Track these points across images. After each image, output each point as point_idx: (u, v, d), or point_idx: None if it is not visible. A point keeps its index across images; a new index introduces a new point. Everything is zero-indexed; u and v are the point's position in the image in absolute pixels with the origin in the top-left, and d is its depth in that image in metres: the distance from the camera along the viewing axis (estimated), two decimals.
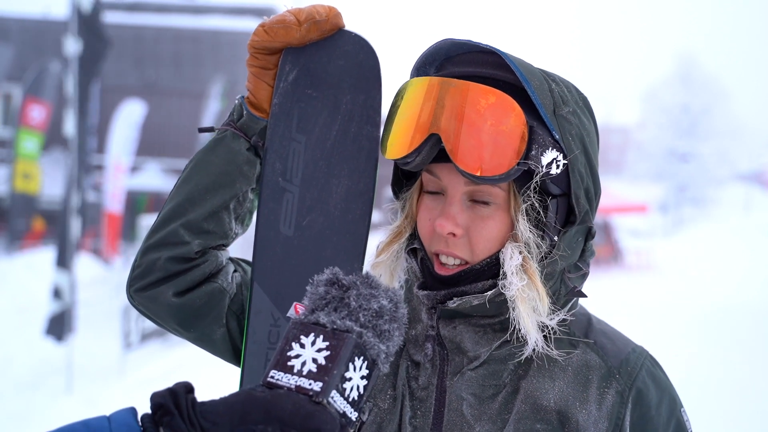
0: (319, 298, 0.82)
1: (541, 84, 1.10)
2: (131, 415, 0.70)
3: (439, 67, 1.20)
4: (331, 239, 1.25)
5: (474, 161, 1.06)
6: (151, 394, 0.70)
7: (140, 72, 25.42)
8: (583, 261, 1.19)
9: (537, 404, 1.13)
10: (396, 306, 0.83)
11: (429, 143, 1.10)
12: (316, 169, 1.26)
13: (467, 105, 1.07)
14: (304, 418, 0.70)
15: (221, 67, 24.17)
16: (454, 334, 1.16)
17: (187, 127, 24.04)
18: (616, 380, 1.15)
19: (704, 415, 7.12)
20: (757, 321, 12.56)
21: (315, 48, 1.24)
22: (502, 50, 1.10)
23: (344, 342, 0.77)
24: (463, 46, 1.16)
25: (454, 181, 1.13)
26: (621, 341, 1.22)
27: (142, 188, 20.89)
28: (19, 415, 6.36)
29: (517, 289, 1.08)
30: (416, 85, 1.14)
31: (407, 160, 1.13)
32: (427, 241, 1.18)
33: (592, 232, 1.19)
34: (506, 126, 1.06)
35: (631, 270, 21.19)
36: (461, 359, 1.17)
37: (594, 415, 1.12)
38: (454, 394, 1.15)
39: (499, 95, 1.07)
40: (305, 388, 0.74)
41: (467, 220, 1.13)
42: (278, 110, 1.26)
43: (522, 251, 1.10)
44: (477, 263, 1.14)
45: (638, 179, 43.69)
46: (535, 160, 1.07)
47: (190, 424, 0.69)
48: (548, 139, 1.08)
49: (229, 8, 26.30)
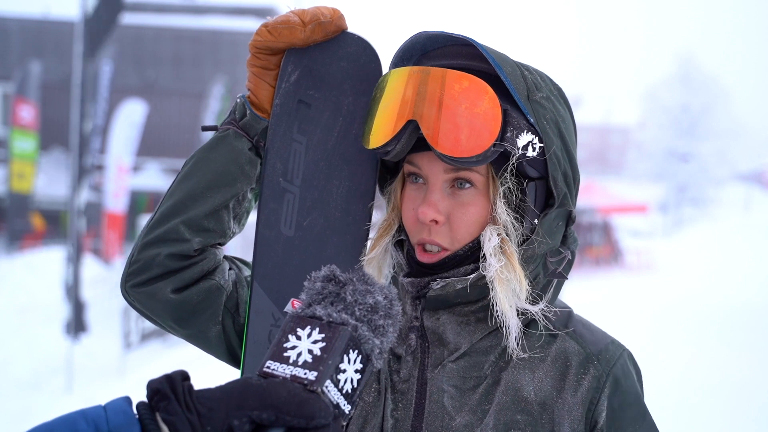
0: (316, 293, 0.84)
1: (513, 70, 1.13)
2: (127, 403, 0.71)
3: (416, 62, 1.22)
4: (331, 239, 1.25)
5: (451, 144, 1.08)
6: (147, 381, 0.71)
7: (140, 72, 25.44)
8: (565, 246, 1.21)
9: (518, 395, 1.14)
10: (391, 303, 0.85)
11: (407, 130, 1.12)
12: (317, 170, 1.26)
13: (443, 90, 1.09)
14: (298, 405, 0.71)
15: (221, 67, 24.19)
16: (437, 325, 1.18)
17: (187, 127, 24.06)
18: (594, 366, 1.17)
19: (704, 415, 7.12)
20: (757, 321, 12.57)
21: (317, 49, 1.25)
22: (475, 40, 1.13)
23: (339, 334, 0.78)
24: (438, 39, 1.19)
25: (434, 169, 1.15)
26: (600, 333, 1.24)
27: (142, 188, 20.90)
28: (19, 415, 6.36)
29: (495, 270, 1.11)
30: (394, 76, 1.16)
31: (387, 149, 1.15)
32: (412, 231, 1.19)
33: (572, 217, 1.21)
34: (480, 108, 1.08)
35: (631, 270, 21.21)
36: (441, 351, 1.18)
37: (569, 403, 1.14)
38: (435, 386, 1.16)
39: (472, 79, 1.09)
40: (300, 377, 0.75)
41: (448, 207, 1.15)
42: (280, 110, 1.26)
43: (500, 233, 1.13)
44: (459, 249, 1.16)
45: (638, 179, 43.76)
46: (510, 142, 1.10)
47: (187, 409, 0.69)
48: (523, 122, 1.11)
49: (229, 8, 26.32)
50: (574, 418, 1.14)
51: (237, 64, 24.88)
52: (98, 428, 0.67)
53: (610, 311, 12.50)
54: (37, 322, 9.83)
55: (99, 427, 0.67)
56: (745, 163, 59.75)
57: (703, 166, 39.87)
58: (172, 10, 26.06)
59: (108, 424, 0.68)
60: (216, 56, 25.11)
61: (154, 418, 0.69)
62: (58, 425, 0.67)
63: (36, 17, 25.41)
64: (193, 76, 25.13)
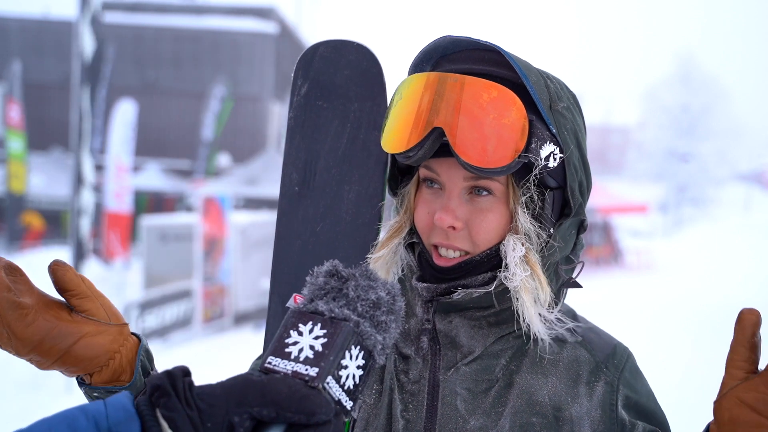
0: (318, 289, 0.83)
1: (538, 80, 1.12)
2: (127, 399, 0.70)
3: (435, 64, 1.21)
4: (342, 243, 1.28)
5: (477, 154, 1.07)
6: (147, 377, 0.71)
7: (140, 72, 25.44)
8: (575, 253, 1.22)
9: (532, 399, 1.15)
10: (393, 299, 0.84)
11: (431, 137, 1.10)
12: (329, 177, 1.29)
13: (470, 99, 1.08)
14: (299, 401, 0.71)
15: (221, 67, 24.19)
16: (449, 329, 1.18)
17: (187, 127, 24.08)
18: (604, 373, 1.18)
19: (704, 415, 7.11)
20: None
21: (321, 61, 1.30)
22: (501, 47, 1.12)
23: (341, 329, 0.78)
24: (461, 43, 1.17)
25: (453, 176, 1.14)
26: (605, 336, 1.25)
27: (142, 188, 20.91)
28: (19, 415, 6.37)
29: (520, 279, 1.11)
30: (415, 80, 1.15)
31: (409, 155, 1.13)
32: (425, 234, 1.19)
33: (584, 225, 1.22)
34: (508, 119, 1.07)
35: (631, 270, 21.21)
36: (454, 354, 1.18)
37: (586, 406, 1.15)
38: (448, 389, 1.16)
39: (500, 89, 1.08)
40: (301, 373, 0.74)
41: (467, 214, 1.14)
42: (294, 123, 1.31)
43: (524, 242, 1.12)
44: (477, 254, 1.15)
45: (638, 179, 43.77)
46: (534, 153, 1.09)
47: (187, 405, 0.69)
48: (546, 133, 1.11)
49: (229, 8, 26.33)
50: (593, 419, 1.15)
51: (237, 64, 24.88)
52: (98, 424, 0.67)
53: (610, 311, 12.50)
54: None
55: (99, 423, 0.67)
56: (745, 163, 59.80)
57: (703, 166, 39.90)
58: (172, 10, 26.06)
59: (108, 420, 0.68)
60: (216, 56, 25.12)
61: (154, 414, 0.68)
62: (57, 421, 0.67)
63: (36, 17, 25.40)
64: (193, 76, 25.13)
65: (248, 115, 25.45)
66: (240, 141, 24.49)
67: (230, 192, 13.21)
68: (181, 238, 11.85)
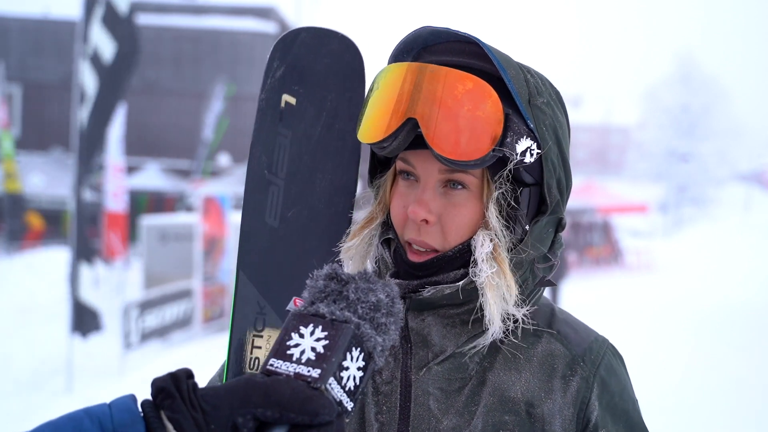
0: (318, 291, 0.84)
1: (517, 74, 1.11)
2: (132, 401, 0.71)
3: (416, 56, 1.20)
4: (315, 231, 1.27)
5: (450, 146, 1.06)
6: (152, 380, 0.71)
7: (140, 72, 25.42)
8: (553, 252, 1.20)
9: (505, 396, 1.14)
10: (393, 301, 0.85)
11: (406, 128, 1.10)
12: (301, 163, 1.28)
13: (444, 90, 1.07)
14: (302, 402, 0.72)
15: (221, 67, 24.18)
16: (422, 327, 1.16)
17: (187, 127, 24.07)
18: (581, 367, 1.16)
19: (704, 414, 7.12)
20: (758, 321, 12.58)
21: (302, 47, 1.28)
22: (480, 39, 1.11)
23: (342, 331, 0.79)
24: (441, 35, 1.16)
25: (428, 169, 1.13)
26: (583, 331, 1.23)
27: (142, 188, 20.91)
28: (19, 415, 6.37)
29: (486, 276, 1.09)
30: (393, 70, 1.14)
31: (383, 145, 1.13)
32: (400, 229, 1.18)
33: (563, 224, 1.20)
34: (483, 112, 1.06)
35: (631, 270, 21.22)
36: (426, 353, 1.16)
37: (559, 403, 1.14)
38: (421, 389, 1.15)
39: (476, 81, 1.07)
40: (303, 374, 0.75)
41: (440, 207, 1.13)
42: (265, 105, 1.29)
43: (493, 239, 1.11)
44: (449, 250, 1.14)
45: (638, 179, 43.76)
46: (509, 147, 1.08)
47: (191, 407, 0.69)
48: (523, 128, 1.09)
49: (229, 8, 26.31)
50: (565, 418, 1.14)
51: (237, 64, 24.87)
52: (103, 426, 0.67)
53: (610, 311, 12.51)
54: (38, 322, 9.84)
55: (103, 425, 0.67)
56: (745, 163, 59.79)
57: (703, 166, 39.91)
58: (172, 10, 26.04)
59: (113, 422, 0.68)
60: (216, 56, 25.10)
61: (158, 416, 0.69)
62: (63, 423, 0.67)
63: (36, 17, 25.38)
64: (193, 76, 25.11)
65: (248, 115, 25.45)
66: (240, 141, 24.47)
67: (230, 192, 13.20)
68: (181, 238, 11.85)
